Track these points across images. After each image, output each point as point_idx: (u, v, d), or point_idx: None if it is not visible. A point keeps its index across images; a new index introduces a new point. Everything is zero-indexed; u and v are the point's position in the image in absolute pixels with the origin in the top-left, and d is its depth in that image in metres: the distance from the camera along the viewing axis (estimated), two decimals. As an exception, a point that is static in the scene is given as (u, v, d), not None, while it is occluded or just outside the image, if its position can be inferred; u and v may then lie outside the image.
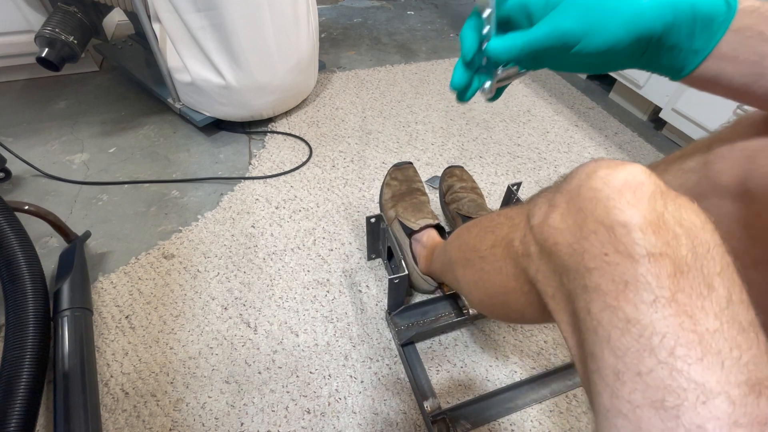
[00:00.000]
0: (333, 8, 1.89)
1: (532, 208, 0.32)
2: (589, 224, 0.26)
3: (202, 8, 0.85)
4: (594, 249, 0.25)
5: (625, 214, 0.25)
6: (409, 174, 0.80)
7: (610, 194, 0.26)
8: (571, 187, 0.29)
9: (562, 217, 0.28)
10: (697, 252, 0.23)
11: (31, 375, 0.54)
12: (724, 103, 0.95)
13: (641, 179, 0.26)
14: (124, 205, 0.91)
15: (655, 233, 0.24)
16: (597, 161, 0.28)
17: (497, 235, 0.38)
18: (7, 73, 1.25)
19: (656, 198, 0.25)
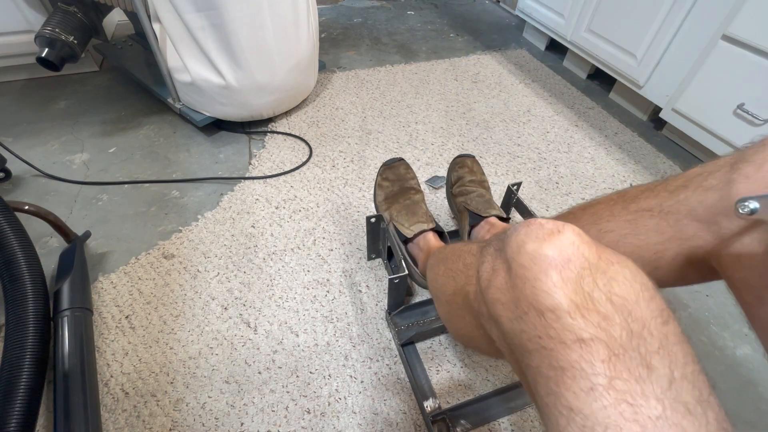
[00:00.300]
0: (333, 8, 1.89)
1: (481, 265, 0.31)
2: (522, 304, 0.25)
3: (202, 8, 0.85)
4: (530, 331, 0.25)
5: (552, 297, 0.24)
6: (400, 172, 0.77)
7: (537, 274, 0.25)
8: (506, 255, 0.28)
9: (501, 289, 0.27)
10: (631, 330, 0.22)
11: (31, 375, 0.54)
12: (723, 103, 0.95)
13: (568, 254, 0.25)
14: (124, 205, 0.91)
15: (583, 317, 0.23)
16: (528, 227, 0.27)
17: (457, 283, 0.37)
18: (7, 73, 1.25)
19: (584, 276, 0.24)
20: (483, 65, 1.50)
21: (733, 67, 0.93)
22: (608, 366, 0.22)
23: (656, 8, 1.06)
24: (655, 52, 1.09)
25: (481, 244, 0.35)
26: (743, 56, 0.90)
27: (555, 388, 0.23)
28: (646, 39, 1.10)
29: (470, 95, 1.33)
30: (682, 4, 1.00)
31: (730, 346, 0.72)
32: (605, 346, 0.22)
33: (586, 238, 0.26)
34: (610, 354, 0.22)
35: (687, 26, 1.02)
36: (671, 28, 1.04)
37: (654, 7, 1.06)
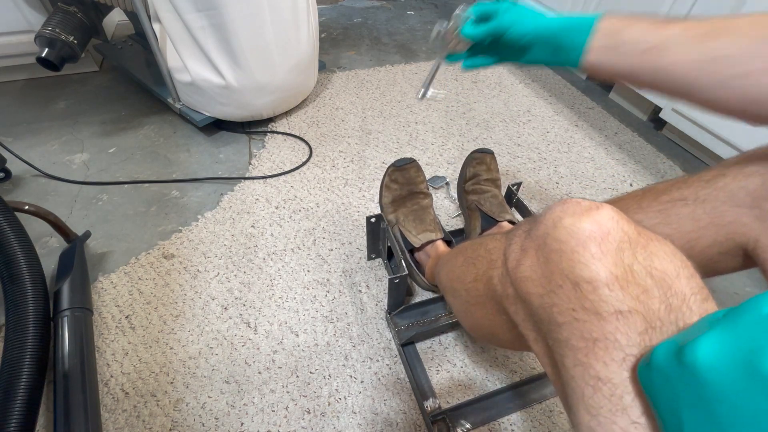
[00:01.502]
0: (333, 8, 1.89)
1: (508, 247, 0.31)
2: (555, 278, 0.25)
3: (202, 8, 0.85)
4: (562, 304, 0.24)
5: (590, 269, 0.23)
6: (410, 175, 0.75)
7: (575, 247, 0.24)
8: (539, 233, 0.27)
9: (531, 266, 0.27)
10: (671, 304, 0.22)
11: (31, 375, 0.54)
12: (724, 103, 0.95)
13: (608, 228, 0.24)
14: (124, 205, 0.91)
15: (622, 288, 0.22)
16: (564, 204, 0.27)
17: (478, 269, 0.37)
18: (7, 73, 1.25)
19: (624, 249, 0.24)
20: (483, 65, 1.50)
21: (733, 67, 0.92)
22: (644, 337, 0.22)
23: (656, 8, 1.06)
24: (655, 52, 1.09)
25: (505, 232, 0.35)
26: (743, 56, 0.90)
27: (584, 359, 0.23)
28: (646, 39, 1.10)
29: (470, 95, 1.33)
30: (682, 4, 1.00)
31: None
32: (643, 318, 0.22)
33: (625, 216, 0.25)
34: (647, 326, 0.22)
35: (687, 26, 1.01)
36: (671, 28, 1.04)
37: (654, 8, 1.06)
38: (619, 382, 0.21)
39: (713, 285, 0.81)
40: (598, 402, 0.22)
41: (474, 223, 0.75)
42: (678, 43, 0.34)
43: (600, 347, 0.22)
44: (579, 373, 0.23)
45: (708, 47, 0.33)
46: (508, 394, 0.64)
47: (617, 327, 0.22)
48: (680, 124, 1.08)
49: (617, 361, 0.22)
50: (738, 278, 0.82)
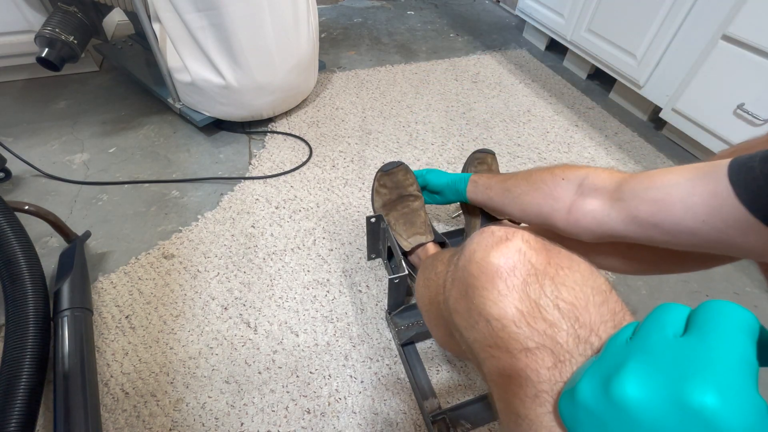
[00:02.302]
0: (333, 8, 1.89)
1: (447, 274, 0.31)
2: (473, 314, 0.25)
3: (202, 8, 0.85)
4: (481, 339, 0.25)
5: (498, 306, 0.23)
6: (398, 179, 0.74)
7: (485, 283, 0.24)
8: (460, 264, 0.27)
9: (457, 299, 0.27)
10: (579, 335, 0.22)
11: (31, 375, 0.54)
12: (723, 103, 0.95)
13: (513, 262, 0.24)
14: (124, 205, 0.91)
15: (528, 325, 0.23)
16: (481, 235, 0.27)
17: (430, 293, 0.38)
18: (7, 73, 1.25)
19: (530, 282, 0.24)
20: (483, 65, 1.50)
21: (733, 67, 0.93)
22: (554, 372, 0.22)
23: (656, 8, 1.06)
24: (655, 52, 1.09)
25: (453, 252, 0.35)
26: (743, 56, 0.90)
27: (504, 395, 0.23)
28: (646, 39, 1.10)
29: (470, 95, 1.33)
30: (682, 4, 1.00)
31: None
32: (551, 353, 0.22)
33: (537, 244, 0.25)
34: (555, 361, 0.22)
35: (687, 26, 1.02)
36: (671, 28, 1.04)
37: (654, 7, 1.06)
38: (534, 418, 0.22)
39: (713, 286, 0.81)
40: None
41: (475, 222, 0.75)
42: (494, 186, 0.60)
43: (514, 384, 0.23)
44: (502, 408, 0.23)
45: (506, 190, 0.57)
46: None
47: (527, 364, 0.22)
48: (680, 124, 1.08)
49: (530, 398, 0.22)
50: (738, 278, 0.82)
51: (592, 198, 0.43)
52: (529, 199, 0.51)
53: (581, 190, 0.45)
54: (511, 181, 0.56)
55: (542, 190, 0.49)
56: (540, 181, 0.50)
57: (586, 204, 0.44)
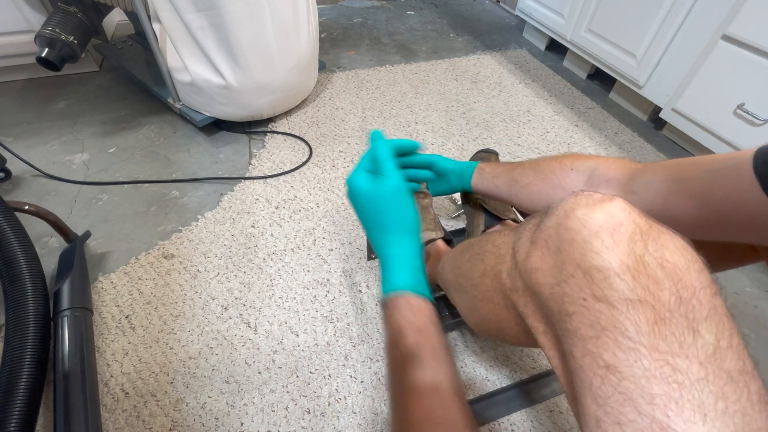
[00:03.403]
0: (333, 8, 1.89)
1: (517, 241, 0.31)
2: (567, 267, 0.25)
3: (202, 8, 0.85)
4: (573, 293, 0.25)
5: (602, 258, 0.24)
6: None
7: (587, 236, 0.25)
8: (550, 224, 0.28)
9: (542, 257, 0.28)
10: (681, 296, 0.22)
11: (31, 375, 0.54)
12: (723, 103, 0.95)
13: (620, 219, 0.24)
14: (124, 205, 0.91)
15: (633, 278, 0.23)
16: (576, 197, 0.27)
17: (486, 265, 0.37)
18: (7, 73, 1.25)
19: (636, 239, 0.24)
20: (483, 65, 1.50)
21: (733, 67, 0.93)
22: (654, 328, 0.22)
23: (656, 8, 1.06)
24: (655, 52, 1.09)
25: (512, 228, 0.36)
26: (743, 56, 0.90)
27: (593, 349, 0.23)
28: (646, 39, 1.10)
29: (470, 95, 1.33)
30: (682, 4, 1.00)
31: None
32: (652, 309, 0.22)
33: (636, 208, 0.26)
34: (656, 317, 0.22)
35: (687, 26, 1.02)
36: (671, 28, 1.04)
37: (654, 7, 1.06)
38: (627, 371, 0.21)
39: (713, 285, 0.81)
40: (606, 392, 0.22)
41: (477, 221, 0.75)
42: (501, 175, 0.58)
43: (609, 336, 0.22)
44: (587, 363, 0.23)
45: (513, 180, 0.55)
46: (508, 394, 0.64)
47: (627, 316, 0.22)
48: (680, 124, 1.08)
49: (625, 351, 0.22)
50: (738, 278, 0.82)
51: (604, 189, 0.42)
52: (538, 190, 0.50)
53: (591, 181, 0.44)
54: (518, 170, 0.54)
55: (551, 180, 0.48)
56: (548, 171, 0.49)
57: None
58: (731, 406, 0.20)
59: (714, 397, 0.20)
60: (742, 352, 0.22)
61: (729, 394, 0.20)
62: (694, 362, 0.21)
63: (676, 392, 0.20)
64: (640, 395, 0.21)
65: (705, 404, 0.20)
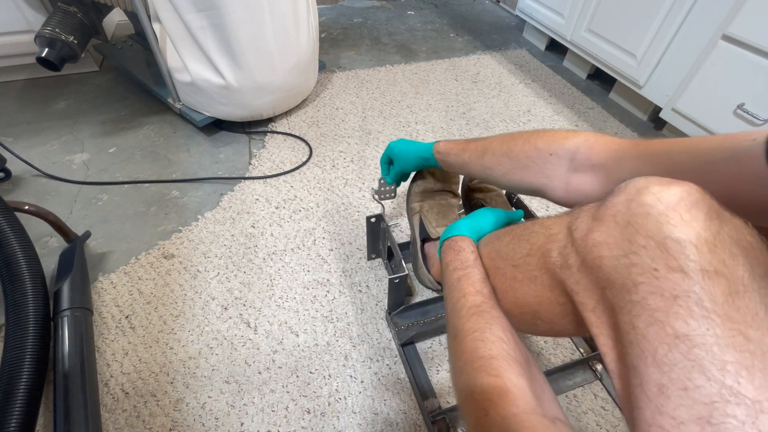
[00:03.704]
0: (333, 8, 1.89)
1: (575, 220, 0.32)
2: (638, 239, 0.26)
3: (202, 8, 0.85)
4: (643, 263, 0.25)
5: (679, 230, 0.24)
6: (449, 175, 0.74)
7: (664, 210, 0.25)
8: (618, 200, 0.28)
9: (607, 231, 0.28)
10: (755, 273, 0.23)
11: (31, 375, 0.54)
12: (723, 103, 0.95)
13: (696, 197, 0.25)
14: (124, 205, 0.91)
15: (710, 251, 0.23)
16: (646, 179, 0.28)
17: (532, 244, 0.37)
18: (7, 73, 1.25)
19: (712, 217, 0.24)
20: (483, 65, 1.50)
21: (733, 67, 0.93)
22: (727, 299, 0.22)
23: (656, 8, 1.06)
24: (655, 52, 1.09)
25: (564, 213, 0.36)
26: (743, 56, 0.90)
27: (661, 317, 0.23)
28: (646, 39, 1.10)
29: (470, 95, 1.33)
30: (682, 4, 1.00)
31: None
32: (727, 281, 0.22)
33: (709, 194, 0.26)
34: (731, 289, 0.22)
35: (687, 26, 1.02)
36: (671, 28, 1.04)
37: (654, 7, 1.06)
38: (698, 338, 0.22)
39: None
40: (673, 359, 0.22)
41: None
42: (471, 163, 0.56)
43: (681, 305, 0.23)
44: (653, 331, 0.23)
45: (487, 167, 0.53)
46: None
47: (702, 286, 0.22)
48: (680, 124, 1.08)
49: (698, 319, 0.22)
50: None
51: (591, 175, 0.42)
52: (518, 178, 0.49)
53: (575, 165, 0.43)
54: (488, 157, 0.52)
55: (530, 168, 0.47)
56: (525, 158, 0.47)
57: (584, 182, 0.43)
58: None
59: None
60: None
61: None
62: (767, 334, 0.21)
63: (747, 360, 0.20)
64: (711, 362, 0.21)
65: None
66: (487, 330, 0.38)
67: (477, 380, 0.34)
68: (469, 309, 0.41)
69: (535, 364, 0.38)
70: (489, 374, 0.34)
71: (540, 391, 0.35)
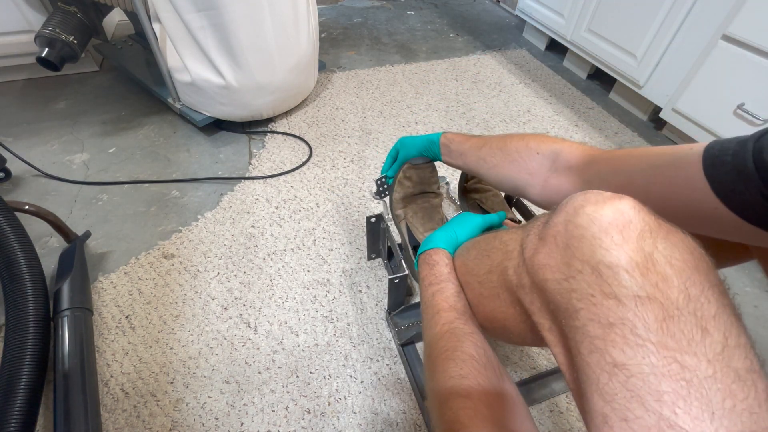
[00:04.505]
0: (333, 8, 1.89)
1: (525, 238, 0.31)
2: (575, 263, 0.25)
3: (202, 8, 0.85)
4: (581, 289, 0.25)
5: (611, 254, 0.24)
6: (425, 175, 0.73)
7: (597, 233, 0.25)
8: (558, 220, 0.28)
9: (550, 253, 0.28)
10: (689, 294, 0.22)
11: (31, 375, 0.54)
12: (723, 103, 0.95)
13: (629, 217, 0.25)
14: (124, 205, 0.91)
15: (642, 275, 0.23)
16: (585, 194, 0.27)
17: (493, 261, 0.38)
18: (7, 73, 1.25)
19: (645, 237, 0.24)
20: (483, 65, 1.50)
21: (733, 67, 0.93)
22: (662, 325, 0.22)
23: (656, 8, 1.06)
24: (655, 52, 1.09)
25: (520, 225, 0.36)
26: (743, 56, 0.90)
27: (600, 345, 0.23)
28: (646, 39, 1.10)
29: (470, 95, 1.33)
30: (682, 4, 1.00)
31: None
32: (661, 306, 0.22)
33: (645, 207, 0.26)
34: (665, 314, 0.22)
35: (687, 26, 1.02)
36: (671, 28, 1.04)
37: (654, 7, 1.06)
38: (635, 368, 0.21)
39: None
40: (613, 389, 0.22)
41: None
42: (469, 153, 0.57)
43: (617, 333, 0.22)
44: (595, 359, 0.23)
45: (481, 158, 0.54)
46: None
47: (636, 313, 0.22)
48: (680, 124, 1.08)
49: (633, 348, 0.22)
50: (738, 278, 0.82)
51: (565, 176, 0.43)
52: (505, 172, 0.51)
53: (555, 166, 0.44)
54: (485, 149, 0.54)
55: (517, 162, 0.49)
56: (515, 153, 0.49)
57: (559, 182, 0.44)
58: (739, 404, 0.20)
59: (722, 395, 0.20)
60: (749, 350, 0.22)
61: (737, 392, 0.20)
62: (703, 360, 0.21)
63: (684, 390, 0.20)
64: (648, 392, 0.21)
65: (713, 402, 0.20)
66: (459, 349, 0.38)
67: (449, 402, 0.34)
68: (442, 326, 0.41)
69: (509, 378, 0.38)
70: (459, 395, 0.34)
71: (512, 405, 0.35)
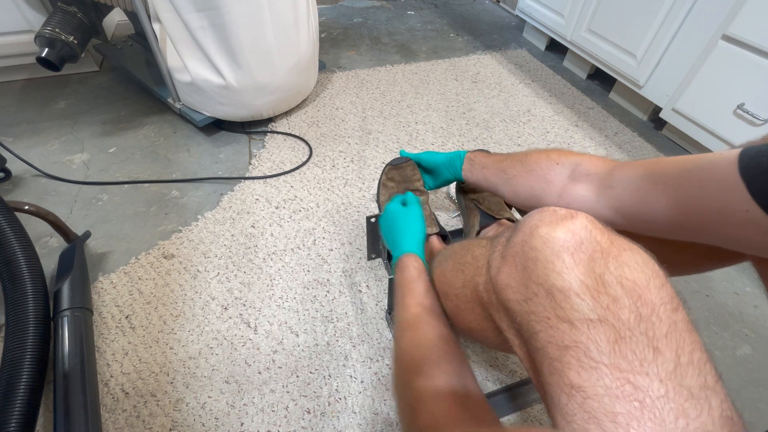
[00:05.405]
0: (333, 8, 1.89)
1: (491, 255, 0.32)
2: (531, 286, 0.26)
3: (202, 8, 0.85)
4: (538, 311, 0.25)
5: (562, 278, 0.24)
6: (406, 173, 0.76)
7: (549, 256, 0.25)
8: (517, 240, 0.28)
9: (510, 273, 0.28)
10: (640, 314, 0.22)
11: (31, 375, 0.54)
12: (723, 103, 0.95)
13: (581, 237, 0.25)
14: (124, 205, 0.91)
15: (593, 298, 0.23)
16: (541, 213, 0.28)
17: (466, 276, 0.38)
18: (7, 73, 1.25)
19: (596, 258, 0.24)
20: (483, 65, 1.50)
21: (733, 67, 0.93)
22: (614, 347, 0.22)
23: (656, 8, 1.06)
24: (655, 52, 1.09)
25: (491, 237, 0.37)
26: (743, 56, 0.90)
27: (558, 367, 0.23)
28: (646, 39, 1.10)
29: (470, 95, 1.33)
30: (682, 4, 1.00)
31: (730, 345, 0.72)
32: (612, 327, 0.22)
33: (600, 225, 0.26)
34: (617, 336, 0.22)
35: (687, 26, 1.02)
36: (671, 28, 1.04)
37: (654, 7, 1.06)
38: (590, 390, 0.22)
39: (713, 286, 0.81)
40: (572, 409, 0.22)
41: (473, 221, 0.75)
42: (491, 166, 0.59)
43: (572, 355, 0.23)
44: (554, 380, 0.24)
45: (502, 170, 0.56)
46: (508, 395, 0.64)
47: (588, 336, 0.22)
48: (680, 124, 1.08)
49: (588, 370, 0.22)
50: (738, 278, 0.82)
51: (584, 184, 0.43)
52: (523, 181, 0.52)
53: (574, 175, 0.45)
54: (507, 161, 0.56)
55: (536, 172, 0.50)
56: (535, 164, 0.50)
57: (577, 189, 0.44)
58: (692, 422, 0.20)
59: (674, 414, 0.20)
60: (703, 367, 0.22)
61: (689, 410, 0.20)
62: (655, 380, 0.21)
63: (637, 410, 0.20)
64: (604, 414, 0.21)
65: (666, 422, 0.20)
66: (421, 337, 0.40)
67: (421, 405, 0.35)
68: (407, 320, 0.43)
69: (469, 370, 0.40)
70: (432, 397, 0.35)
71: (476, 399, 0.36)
